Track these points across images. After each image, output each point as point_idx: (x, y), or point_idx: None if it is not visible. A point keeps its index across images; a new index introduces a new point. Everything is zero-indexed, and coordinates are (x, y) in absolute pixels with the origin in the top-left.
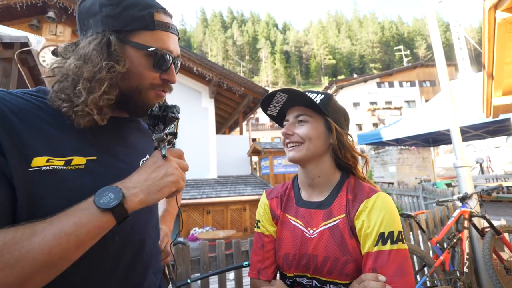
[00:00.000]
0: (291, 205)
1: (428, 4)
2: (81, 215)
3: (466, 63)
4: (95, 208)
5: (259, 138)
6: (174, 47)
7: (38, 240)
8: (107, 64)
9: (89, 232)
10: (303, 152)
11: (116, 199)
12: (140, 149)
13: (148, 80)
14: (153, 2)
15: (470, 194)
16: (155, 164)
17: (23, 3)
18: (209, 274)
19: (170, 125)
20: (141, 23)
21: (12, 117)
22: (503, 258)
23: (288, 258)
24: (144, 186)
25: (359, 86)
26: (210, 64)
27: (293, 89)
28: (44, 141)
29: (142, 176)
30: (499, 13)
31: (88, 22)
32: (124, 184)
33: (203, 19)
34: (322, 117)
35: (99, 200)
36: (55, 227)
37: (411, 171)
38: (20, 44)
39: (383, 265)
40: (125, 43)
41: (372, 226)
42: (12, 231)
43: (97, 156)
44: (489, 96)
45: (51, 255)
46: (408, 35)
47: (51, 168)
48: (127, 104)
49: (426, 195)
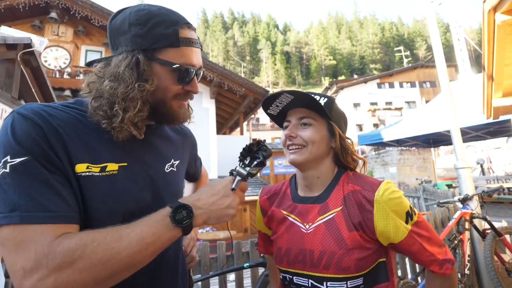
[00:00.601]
0: (287, 202)
1: (428, 6)
2: (159, 226)
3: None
4: (170, 223)
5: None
6: (197, 60)
7: (125, 244)
8: (139, 85)
9: (164, 242)
10: (305, 156)
11: (188, 218)
12: (165, 154)
13: (172, 92)
14: (179, 18)
15: (471, 196)
16: (224, 192)
17: (25, 4)
18: (210, 275)
19: (256, 168)
20: (167, 41)
21: (59, 129)
22: (504, 260)
23: (281, 252)
24: (209, 210)
25: (360, 86)
26: (211, 64)
27: (299, 91)
28: (84, 149)
29: (210, 200)
30: (498, 16)
31: (119, 40)
32: (194, 203)
33: (204, 19)
34: (325, 120)
35: (174, 216)
36: (138, 234)
37: (412, 172)
38: (23, 45)
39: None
40: (152, 60)
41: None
42: (104, 232)
43: (128, 162)
44: (489, 97)
45: (133, 258)
46: (408, 36)
47: (90, 174)
48: (155, 115)
49: (427, 196)
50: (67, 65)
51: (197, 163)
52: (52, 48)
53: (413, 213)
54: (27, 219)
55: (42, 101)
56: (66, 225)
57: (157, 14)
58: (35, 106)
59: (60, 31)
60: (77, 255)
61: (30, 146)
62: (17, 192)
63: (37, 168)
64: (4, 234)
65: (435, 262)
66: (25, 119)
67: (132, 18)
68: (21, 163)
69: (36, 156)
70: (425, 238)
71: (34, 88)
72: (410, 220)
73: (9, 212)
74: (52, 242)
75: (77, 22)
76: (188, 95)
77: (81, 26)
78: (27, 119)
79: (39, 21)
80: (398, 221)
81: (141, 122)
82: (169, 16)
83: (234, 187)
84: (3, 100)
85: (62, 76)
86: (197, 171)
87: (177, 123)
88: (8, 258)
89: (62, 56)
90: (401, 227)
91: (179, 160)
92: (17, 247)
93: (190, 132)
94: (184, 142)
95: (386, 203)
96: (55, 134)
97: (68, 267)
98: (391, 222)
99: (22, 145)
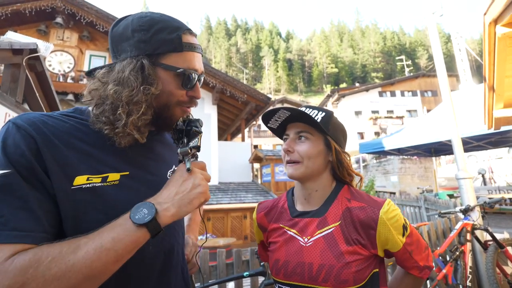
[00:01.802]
0: (285, 217)
1: (430, 17)
2: (119, 230)
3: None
4: (131, 224)
5: (261, 145)
6: (199, 65)
7: (81, 254)
8: (144, 88)
9: (125, 246)
10: (301, 170)
11: (150, 214)
12: (167, 161)
13: (176, 97)
14: (180, 24)
15: (472, 207)
16: (182, 177)
17: (32, 9)
18: (209, 283)
19: (194, 139)
20: (170, 46)
21: (55, 140)
22: (506, 272)
23: (278, 264)
24: (175, 200)
25: (361, 95)
26: (214, 71)
27: (296, 108)
28: (84, 160)
29: (171, 191)
30: (499, 28)
31: (122, 46)
32: (156, 199)
33: (207, 26)
34: (323, 135)
35: (134, 215)
36: (96, 242)
37: (413, 181)
38: (29, 50)
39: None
40: (156, 65)
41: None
42: (59, 246)
43: (130, 171)
44: (490, 108)
45: (92, 269)
46: (409, 45)
47: (91, 186)
48: (157, 120)
49: (428, 206)
50: (71, 70)
51: None
52: (56, 52)
53: (407, 225)
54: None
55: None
56: (30, 245)
57: (160, 20)
58: (33, 116)
59: (65, 36)
60: (30, 274)
61: (16, 158)
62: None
63: (16, 183)
64: None
65: (416, 268)
66: (18, 129)
67: (135, 25)
68: (2, 175)
69: (20, 170)
70: (414, 247)
71: (38, 92)
72: (405, 232)
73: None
74: (5, 261)
75: (82, 28)
76: (192, 102)
77: (86, 32)
78: (20, 130)
79: (45, 26)
80: (396, 236)
81: (144, 126)
82: (171, 22)
83: (188, 167)
84: (7, 105)
85: (65, 80)
86: None
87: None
88: None
89: (66, 61)
90: (398, 241)
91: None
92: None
93: None
94: None
95: (389, 220)
96: (50, 146)
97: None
98: (391, 238)
99: (9, 157)
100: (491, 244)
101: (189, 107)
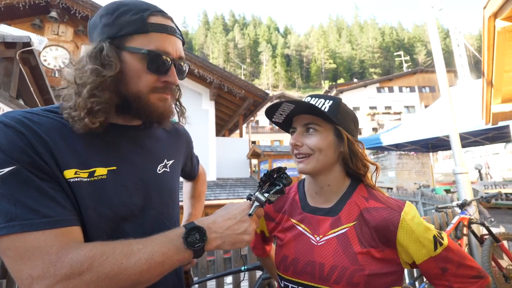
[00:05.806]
0: (296, 210)
1: (429, 11)
2: (170, 246)
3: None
4: (181, 243)
5: (259, 141)
6: (172, 48)
7: (134, 260)
8: (93, 68)
9: (172, 264)
10: (313, 164)
11: (201, 242)
12: (157, 154)
13: (147, 83)
14: (149, 6)
15: (469, 201)
16: (241, 216)
17: (26, 3)
18: (207, 278)
19: (274, 195)
20: (133, 27)
21: (43, 136)
22: (502, 266)
23: (286, 260)
24: (224, 234)
25: (359, 90)
26: (211, 66)
27: (300, 100)
28: (71, 155)
29: (226, 224)
30: (498, 22)
31: (93, 35)
32: (209, 226)
33: (205, 21)
34: (332, 125)
35: (186, 237)
36: (148, 251)
37: (410, 176)
38: (23, 44)
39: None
40: (121, 48)
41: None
42: (112, 247)
43: (117, 166)
44: (488, 103)
45: (140, 276)
46: (408, 41)
47: (78, 180)
48: (130, 108)
49: (425, 201)
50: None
51: (193, 161)
52: (51, 47)
53: (442, 235)
54: (27, 227)
55: (41, 100)
56: (67, 228)
57: (126, 4)
58: (17, 113)
59: (60, 30)
60: (85, 267)
61: (16, 154)
62: (11, 202)
63: (27, 176)
64: (5, 244)
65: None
66: (7, 127)
67: (102, 10)
68: (9, 172)
69: (24, 164)
70: (450, 264)
71: (33, 87)
72: (437, 244)
73: (7, 222)
74: (60, 251)
75: (77, 22)
76: (168, 88)
77: (81, 26)
78: (9, 128)
79: (39, 20)
80: (420, 244)
81: (102, 112)
82: (138, 5)
83: (251, 213)
84: (1, 99)
85: (61, 75)
86: (194, 169)
87: (162, 119)
88: (13, 267)
89: (61, 56)
90: (423, 250)
91: (173, 160)
92: (21, 256)
93: (184, 129)
94: (178, 140)
95: (412, 224)
96: (40, 141)
97: (75, 278)
98: (413, 245)
99: (8, 154)
100: (487, 238)
101: (167, 94)
